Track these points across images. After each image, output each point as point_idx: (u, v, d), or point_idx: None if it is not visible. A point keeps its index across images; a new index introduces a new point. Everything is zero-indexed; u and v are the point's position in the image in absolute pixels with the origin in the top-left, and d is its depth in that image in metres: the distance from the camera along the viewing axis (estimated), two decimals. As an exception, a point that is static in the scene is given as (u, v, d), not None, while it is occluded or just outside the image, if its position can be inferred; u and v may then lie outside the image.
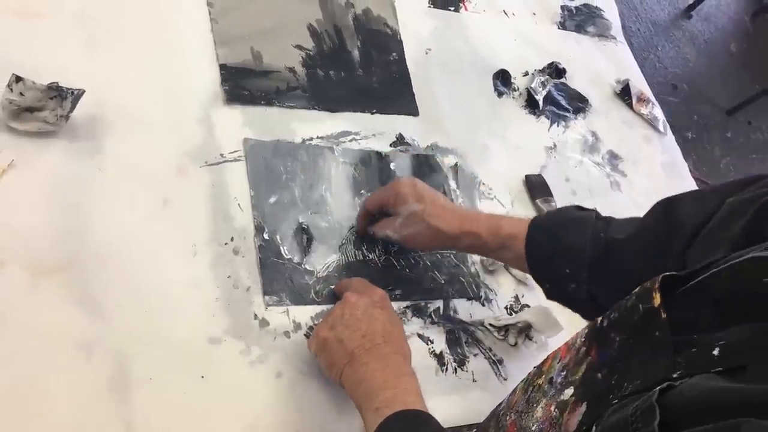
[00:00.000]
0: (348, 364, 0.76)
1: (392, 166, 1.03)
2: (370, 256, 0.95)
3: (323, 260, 0.92)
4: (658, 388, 0.45)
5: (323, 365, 0.80)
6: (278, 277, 0.87)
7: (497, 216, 0.91)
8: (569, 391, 0.57)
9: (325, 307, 0.88)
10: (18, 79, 0.77)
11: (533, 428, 0.60)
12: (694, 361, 0.47)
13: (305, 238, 0.92)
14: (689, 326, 0.50)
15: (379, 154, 1.03)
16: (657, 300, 0.52)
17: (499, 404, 0.72)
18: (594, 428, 0.50)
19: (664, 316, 0.51)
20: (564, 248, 0.80)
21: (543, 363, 0.66)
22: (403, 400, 0.71)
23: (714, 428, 0.40)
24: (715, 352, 0.46)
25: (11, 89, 0.77)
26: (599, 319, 0.59)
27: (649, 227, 0.75)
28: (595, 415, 0.51)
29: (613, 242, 0.77)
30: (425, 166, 1.06)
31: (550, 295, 0.86)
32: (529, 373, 0.68)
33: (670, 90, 2.97)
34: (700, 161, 2.85)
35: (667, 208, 0.74)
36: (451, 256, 1.00)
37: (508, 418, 0.66)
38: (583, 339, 0.60)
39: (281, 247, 0.89)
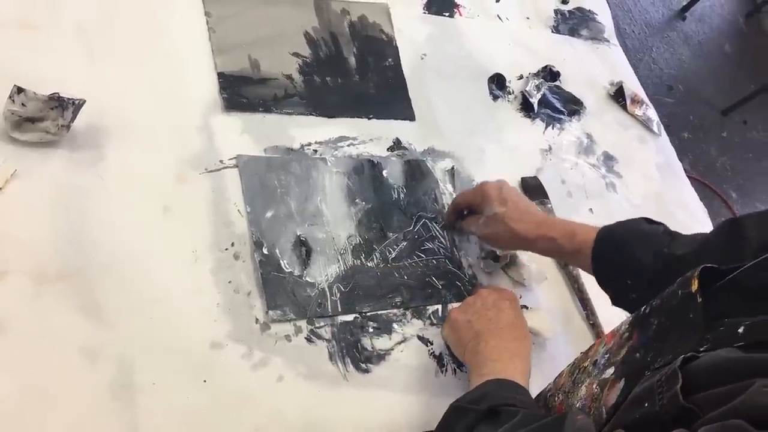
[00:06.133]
0: (472, 340, 0.86)
1: (385, 173, 1.05)
2: (370, 264, 0.96)
3: (323, 271, 0.92)
4: (682, 356, 0.49)
5: (452, 342, 0.91)
6: (280, 292, 0.88)
7: (572, 222, 0.96)
8: (610, 371, 0.61)
9: (328, 319, 0.89)
10: (20, 90, 0.78)
11: (577, 405, 0.65)
12: (719, 338, 0.51)
13: (304, 250, 0.92)
14: (721, 314, 0.53)
15: (371, 161, 1.04)
16: (695, 286, 0.56)
17: (546, 387, 0.78)
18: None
19: (699, 300, 0.55)
20: (628, 261, 0.84)
21: (589, 349, 0.71)
22: (510, 375, 0.77)
23: (728, 389, 0.43)
24: (740, 330, 0.50)
25: (13, 100, 0.78)
26: (643, 307, 0.63)
27: (714, 245, 0.78)
28: (631, 388, 0.54)
29: (675, 259, 0.79)
30: (417, 170, 1.08)
31: (614, 302, 0.89)
32: (576, 358, 0.73)
33: (665, 91, 2.99)
34: (697, 161, 2.87)
35: (733, 227, 0.77)
36: (447, 261, 1.02)
37: (556, 398, 0.71)
38: (627, 326, 0.64)
39: (281, 261, 0.90)
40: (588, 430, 0.54)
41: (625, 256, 0.84)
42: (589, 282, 1.01)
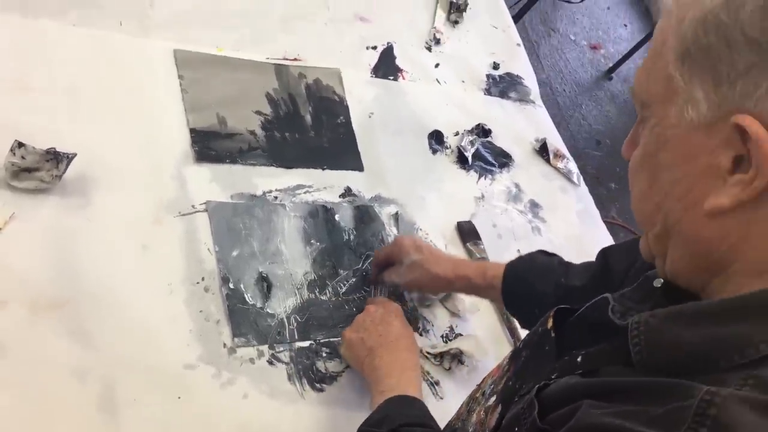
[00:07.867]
0: (367, 356, 0.94)
1: (337, 217, 1.18)
2: (323, 297, 1.09)
3: (282, 303, 1.04)
4: (536, 386, 0.60)
5: (350, 360, 0.99)
6: (245, 321, 0.99)
7: (485, 262, 1.08)
8: (493, 399, 0.72)
9: (286, 344, 1.00)
10: (20, 144, 0.89)
11: (470, 430, 0.75)
12: (564, 367, 0.61)
13: (265, 285, 1.04)
14: (569, 346, 0.64)
15: (324, 207, 1.18)
16: (550, 323, 0.68)
17: (452, 416, 0.87)
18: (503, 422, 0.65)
19: (553, 335, 0.67)
20: (532, 294, 0.97)
21: (482, 381, 0.82)
22: (404, 389, 0.87)
23: (566, 410, 0.53)
24: (579, 359, 0.60)
25: (14, 153, 0.89)
26: (519, 342, 0.75)
27: (595, 277, 0.92)
28: (506, 412, 0.65)
29: (571, 289, 0.94)
30: (366, 215, 1.21)
31: (523, 327, 1.02)
32: (473, 390, 0.84)
33: (594, 145, 3.23)
34: (623, 209, 3.09)
35: (604, 258, 0.92)
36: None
37: (457, 426, 0.81)
38: (508, 360, 0.76)
39: (245, 294, 1.01)
40: None
41: (528, 289, 0.98)
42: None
